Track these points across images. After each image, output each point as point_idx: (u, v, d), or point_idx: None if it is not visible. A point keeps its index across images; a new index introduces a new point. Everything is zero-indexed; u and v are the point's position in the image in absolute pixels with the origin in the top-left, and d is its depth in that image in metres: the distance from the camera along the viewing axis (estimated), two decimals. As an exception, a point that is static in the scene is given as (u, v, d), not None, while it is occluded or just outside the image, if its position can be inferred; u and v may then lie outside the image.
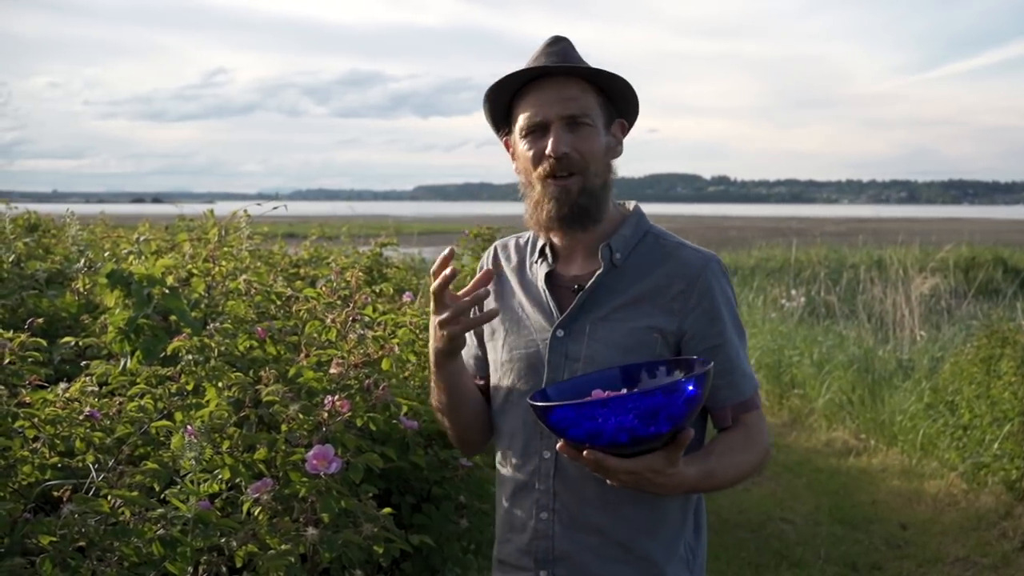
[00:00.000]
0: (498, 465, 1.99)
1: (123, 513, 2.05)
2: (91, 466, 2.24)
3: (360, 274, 3.19)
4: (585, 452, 1.57)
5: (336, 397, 2.42)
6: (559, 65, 1.83)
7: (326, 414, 2.38)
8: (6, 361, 2.43)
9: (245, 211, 4.57)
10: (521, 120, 1.87)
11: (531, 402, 1.64)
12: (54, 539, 1.91)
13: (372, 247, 5.74)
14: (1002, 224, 51.91)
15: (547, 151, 1.82)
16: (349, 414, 2.40)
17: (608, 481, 1.64)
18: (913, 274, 10.99)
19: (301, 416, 2.37)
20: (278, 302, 3.16)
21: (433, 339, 1.85)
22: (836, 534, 5.80)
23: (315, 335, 2.84)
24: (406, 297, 3.67)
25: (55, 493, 2.19)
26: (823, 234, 24.23)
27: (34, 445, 2.27)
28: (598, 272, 1.86)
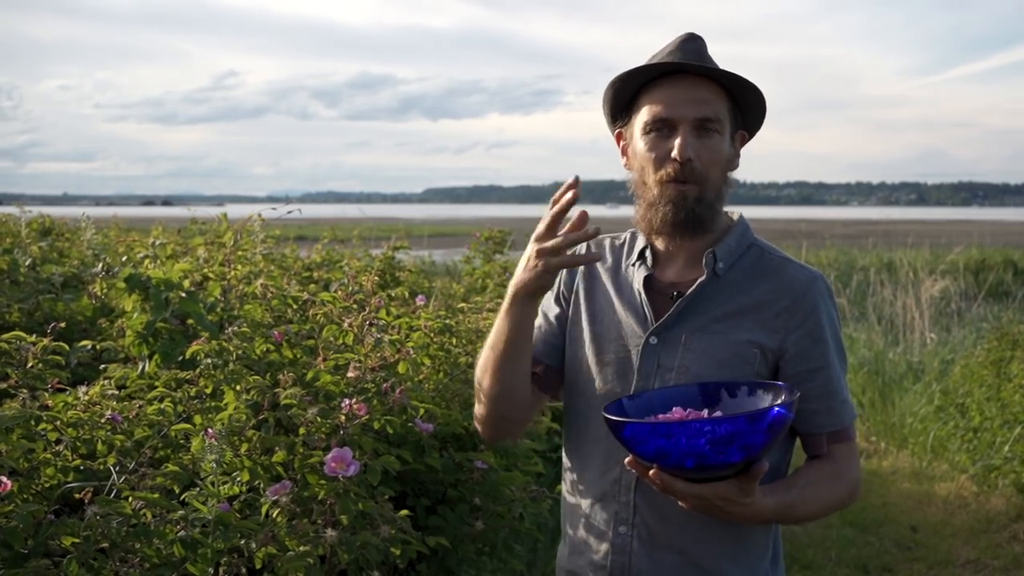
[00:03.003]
0: (573, 472, 1.90)
1: (144, 515, 2.08)
2: (112, 468, 2.27)
3: (375, 278, 3.21)
4: (651, 472, 1.51)
5: (353, 400, 2.44)
6: (697, 64, 1.72)
7: (344, 417, 2.40)
8: (29, 364, 2.46)
9: (259, 215, 4.61)
10: (646, 114, 1.76)
11: (604, 414, 1.56)
12: (77, 540, 1.94)
13: (384, 250, 5.77)
14: (1012, 226, 51.74)
15: (673, 154, 1.71)
16: (366, 417, 2.42)
17: (679, 503, 1.57)
18: (923, 276, 10.98)
19: (319, 419, 2.40)
20: (294, 306, 3.19)
21: (524, 270, 1.69)
22: (847, 536, 5.81)
23: (332, 339, 2.86)
24: (419, 300, 3.69)
25: (76, 495, 2.22)
26: (833, 236, 24.19)
27: (57, 448, 2.30)
28: (699, 280, 1.77)
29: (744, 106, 1.80)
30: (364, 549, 2.17)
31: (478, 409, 1.92)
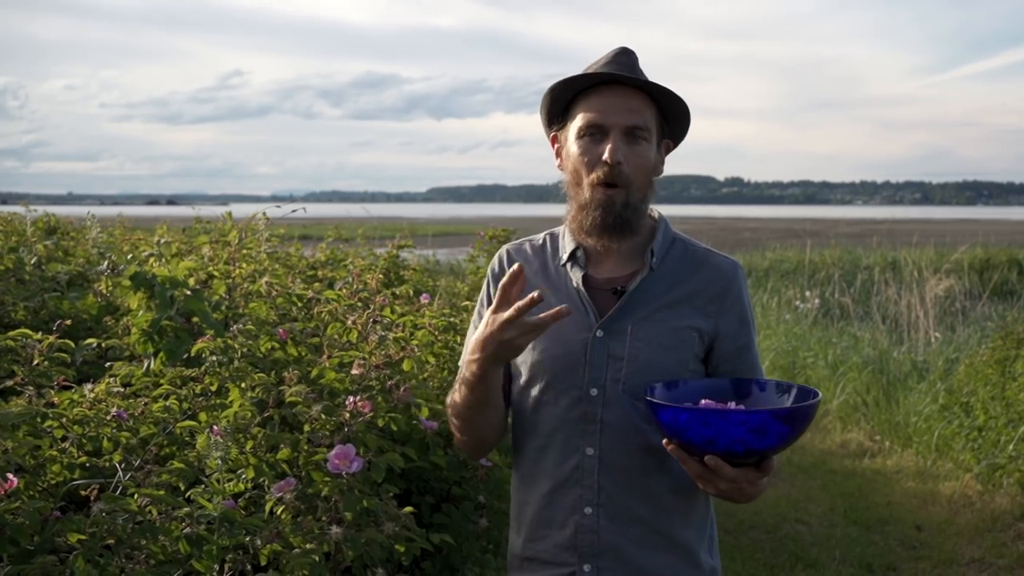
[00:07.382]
0: (526, 465, 1.95)
1: (150, 512, 2.09)
2: (118, 465, 2.28)
3: (380, 276, 3.22)
4: (707, 458, 1.62)
5: (358, 398, 2.45)
6: (630, 76, 1.85)
7: (348, 414, 2.40)
8: (35, 362, 2.46)
9: (264, 213, 4.62)
10: (580, 120, 1.88)
11: (649, 398, 1.68)
12: (83, 537, 1.95)
13: (389, 249, 5.77)
14: (1017, 225, 51.60)
15: (604, 157, 1.83)
16: (371, 414, 2.43)
17: (701, 487, 1.71)
18: (928, 275, 10.96)
19: (323, 416, 2.40)
20: (299, 304, 3.19)
21: (492, 348, 1.72)
22: (851, 535, 5.80)
23: (336, 336, 2.87)
24: (423, 299, 3.70)
25: (82, 492, 2.23)
26: (837, 235, 24.15)
27: (63, 445, 2.31)
28: (641, 276, 1.90)
29: (671, 117, 1.94)
30: (368, 546, 2.17)
31: (461, 441, 1.98)
